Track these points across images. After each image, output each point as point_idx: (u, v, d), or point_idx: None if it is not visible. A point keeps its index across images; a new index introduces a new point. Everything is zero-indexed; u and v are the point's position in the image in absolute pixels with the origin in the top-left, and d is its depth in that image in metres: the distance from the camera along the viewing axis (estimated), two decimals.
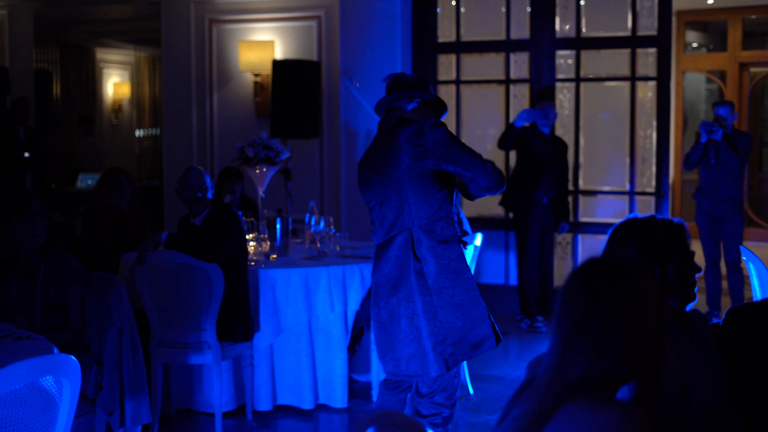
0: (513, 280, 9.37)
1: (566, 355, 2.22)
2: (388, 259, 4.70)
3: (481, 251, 9.16)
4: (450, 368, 4.64)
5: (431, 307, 4.59)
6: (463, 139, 9.49)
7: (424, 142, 4.58)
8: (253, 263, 6.29)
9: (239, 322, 5.89)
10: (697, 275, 2.99)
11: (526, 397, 2.35)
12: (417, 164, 4.60)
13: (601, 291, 2.22)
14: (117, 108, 16.42)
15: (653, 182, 8.86)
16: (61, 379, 3.34)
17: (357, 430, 2.52)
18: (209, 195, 5.92)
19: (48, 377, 3.32)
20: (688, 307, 2.95)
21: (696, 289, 2.97)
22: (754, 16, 14.21)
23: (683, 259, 2.92)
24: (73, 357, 3.36)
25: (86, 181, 12.60)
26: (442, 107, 4.95)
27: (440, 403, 4.78)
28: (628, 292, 2.21)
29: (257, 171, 7.06)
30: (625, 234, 2.95)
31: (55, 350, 3.87)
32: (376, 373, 6.52)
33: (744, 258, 5.91)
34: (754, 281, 5.77)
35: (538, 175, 8.49)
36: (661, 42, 8.82)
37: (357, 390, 6.74)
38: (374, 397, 6.51)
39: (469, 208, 9.40)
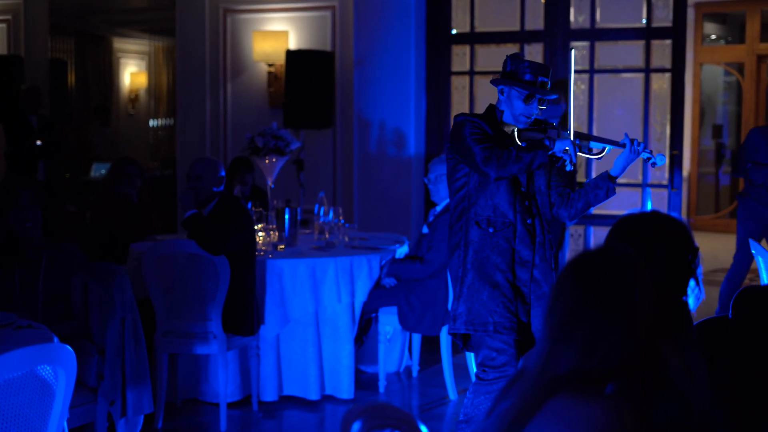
0: None
1: (556, 349, 2.20)
2: None
3: None
4: None
5: None
6: None
7: (450, 133, 4.71)
8: (261, 253, 6.28)
9: (245, 317, 5.88)
10: (700, 273, 2.92)
11: (515, 390, 2.33)
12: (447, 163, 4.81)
13: (594, 285, 2.19)
14: (134, 98, 16.46)
15: (666, 175, 8.80)
16: (57, 368, 3.35)
17: (346, 423, 2.51)
18: (215, 188, 5.89)
19: (45, 366, 3.33)
20: (695, 306, 2.89)
21: (700, 285, 2.90)
22: None
23: (684, 256, 2.84)
24: (68, 347, 3.37)
25: (100, 170, 12.62)
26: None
27: None
28: (621, 287, 2.19)
29: (267, 161, 7.05)
30: (625, 229, 2.90)
31: (56, 340, 3.87)
32: (383, 365, 6.52)
33: (753, 251, 5.86)
34: (763, 274, 5.72)
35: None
36: (676, 34, 8.75)
37: (364, 381, 6.74)
38: (381, 389, 6.50)
39: None
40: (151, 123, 16.63)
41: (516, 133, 4.57)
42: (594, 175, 8.80)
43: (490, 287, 4.52)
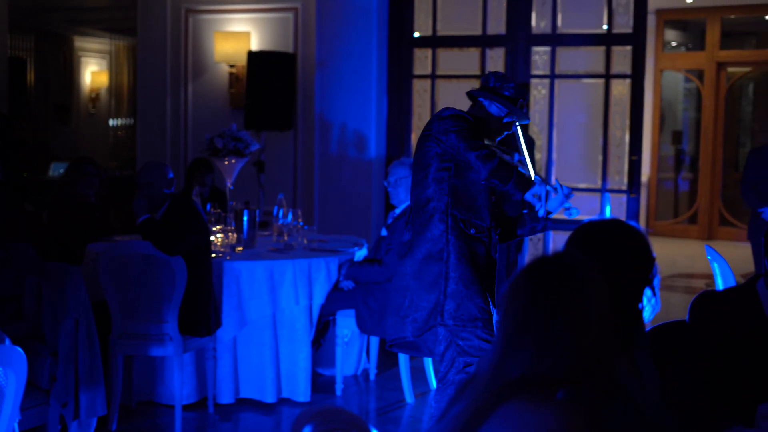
0: None
1: (508, 354, 2.20)
2: None
3: None
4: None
5: None
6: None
7: (436, 126, 4.60)
8: (219, 255, 6.25)
9: (201, 318, 5.85)
10: (657, 284, 2.92)
11: (466, 394, 2.32)
12: (422, 152, 4.69)
13: (546, 290, 2.19)
14: (94, 97, 16.33)
15: (625, 180, 8.85)
16: (7, 370, 3.31)
17: (296, 427, 2.49)
18: (166, 190, 5.86)
19: None
20: (650, 317, 2.89)
21: (657, 295, 2.90)
22: (732, 16, 14.24)
23: (641, 266, 2.83)
24: (19, 349, 3.33)
25: (59, 169, 12.50)
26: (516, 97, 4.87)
27: None
28: (573, 293, 2.18)
29: (226, 162, 7.02)
30: (584, 236, 2.89)
31: (8, 341, 3.83)
32: (341, 368, 6.50)
33: (709, 257, 5.90)
34: (718, 281, 5.76)
35: None
36: (637, 40, 8.80)
37: (321, 384, 6.72)
38: (338, 392, 6.49)
39: None
40: (112, 122, 16.52)
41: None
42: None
43: (479, 284, 4.57)
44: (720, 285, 5.73)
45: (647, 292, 2.74)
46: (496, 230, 4.74)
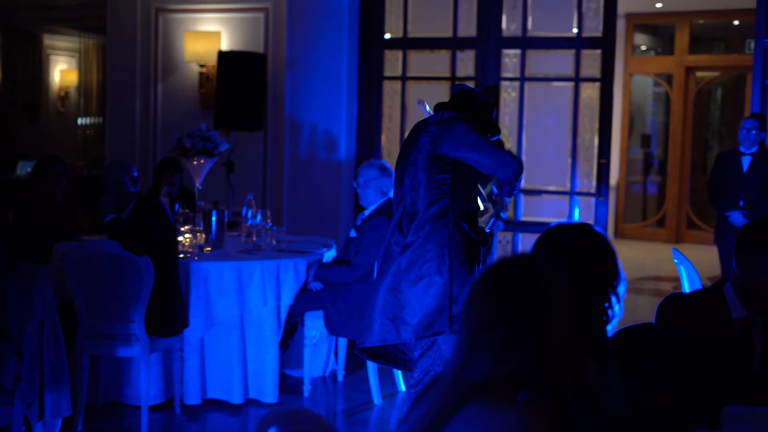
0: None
1: (470, 356, 2.20)
2: None
3: None
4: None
5: None
6: (407, 137, 9.47)
7: (433, 129, 4.61)
8: (187, 255, 6.22)
9: (168, 318, 5.82)
10: (621, 291, 2.92)
11: (429, 396, 2.32)
12: (420, 150, 4.64)
13: (509, 292, 2.19)
14: (63, 95, 16.23)
15: (594, 183, 8.89)
16: None
17: (261, 430, 2.48)
18: (132, 189, 5.83)
19: None
20: (614, 323, 2.90)
21: (620, 302, 2.90)
22: (701, 21, 14.34)
23: (605, 271, 2.83)
24: None
25: (26, 168, 12.40)
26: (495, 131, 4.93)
27: None
28: (536, 295, 2.18)
29: (195, 162, 7.00)
30: (552, 240, 2.89)
31: None
32: (309, 369, 6.49)
33: (675, 261, 5.94)
34: (685, 284, 5.80)
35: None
36: (606, 44, 8.85)
37: (289, 385, 6.70)
38: (305, 393, 6.48)
39: None
40: (80, 121, 16.41)
41: None
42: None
43: None
44: (686, 288, 5.77)
45: (611, 298, 2.75)
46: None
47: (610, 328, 2.79)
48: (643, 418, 2.97)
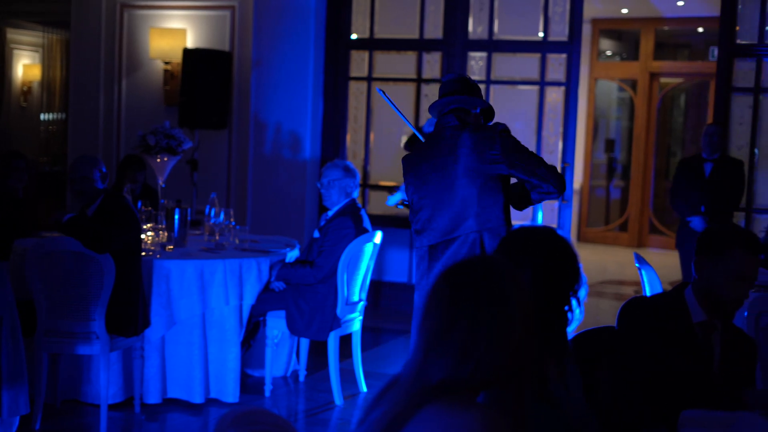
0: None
1: (429, 358, 2.19)
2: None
3: (386, 250, 9.15)
4: None
5: None
6: (374, 138, 9.49)
7: (499, 148, 4.58)
8: (149, 254, 6.18)
9: (129, 317, 5.77)
10: (582, 294, 2.93)
11: (387, 398, 2.31)
12: (488, 168, 4.57)
13: (467, 295, 2.18)
14: (26, 90, 16.07)
15: None
16: None
17: (218, 430, 2.45)
18: (100, 185, 5.78)
19: None
20: (573, 326, 2.91)
21: (581, 306, 2.91)
22: (666, 28, 14.45)
23: (566, 274, 2.84)
24: None
25: None
26: (491, 115, 4.94)
27: None
28: (497, 297, 2.18)
29: (158, 160, 6.95)
30: (514, 242, 2.90)
31: None
32: (270, 369, 6.47)
33: (637, 265, 5.97)
34: (646, 288, 5.83)
35: None
36: (571, 48, 8.89)
37: (250, 385, 6.68)
38: (267, 393, 6.46)
39: (375, 206, 9.38)
40: (43, 117, 16.26)
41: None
42: None
43: None
44: (647, 292, 5.80)
45: (572, 301, 2.76)
46: None
47: (571, 330, 2.80)
48: (603, 420, 2.98)
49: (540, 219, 8.78)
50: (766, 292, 5.42)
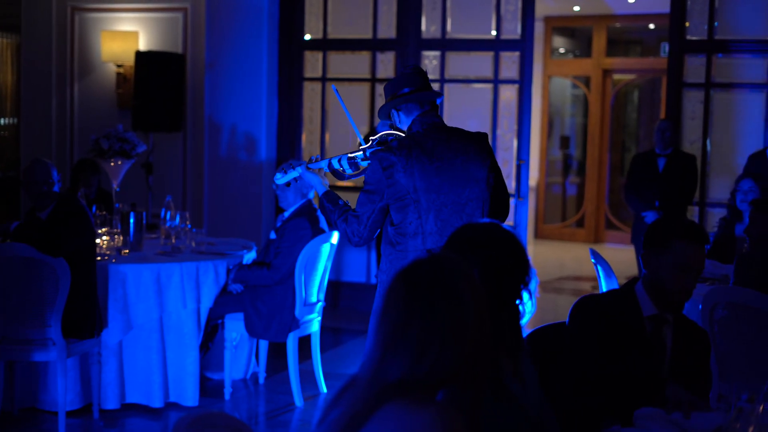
0: (374, 279, 9.38)
1: (386, 357, 2.19)
2: None
3: (343, 250, 9.15)
4: None
5: None
6: (329, 138, 9.49)
7: (490, 156, 4.59)
8: (105, 258, 6.14)
9: (86, 319, 5.74)
10: (533, 287, 2.94)
11: (346, 398, 2.31)
12: (491, 175, 4.55)
13: (422, 293, 2.19)
14: None
15: (513, 184, 8.97)
16: None
17: None
18: (56, 189, 5.73)
19: None
20: (526, 319, 2.92)
21: (532, 298, 2.92)
22: (618, 25, 14.56)
23: (517, 268, 2.85)
24: None
25: None
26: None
27: None
28: (450, 295, 2.18)
29: (112, 164, 6.92)
30: (463, 238, 2.91)
31: None
32: (229, 371, 6.45)
33: (593, 260, 6.01)
34: (602, 283, 5.88)
35: None
36: (524, 46, 8.94)
37: (209, 388, 6.65)
38: (226, 396, 6.43)
39: None
40: None
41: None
42: None
43: None
44: (604, 288, 5.85)
45: (524, 295, 2.78)
46: None
47: (524, 323, 2.82)
48: (559, 417, 3.00)
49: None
50: (719, 285, 5.49)
